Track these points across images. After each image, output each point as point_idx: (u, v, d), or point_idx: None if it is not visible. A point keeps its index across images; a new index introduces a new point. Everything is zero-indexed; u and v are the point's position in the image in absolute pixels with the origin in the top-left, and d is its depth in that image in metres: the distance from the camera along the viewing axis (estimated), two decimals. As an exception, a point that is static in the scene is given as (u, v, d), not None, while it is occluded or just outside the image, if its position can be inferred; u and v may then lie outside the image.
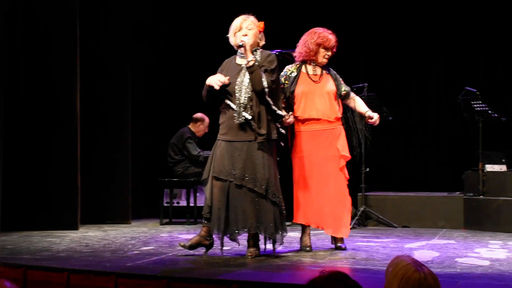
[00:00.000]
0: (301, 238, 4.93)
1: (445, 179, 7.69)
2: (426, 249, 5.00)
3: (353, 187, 5.82)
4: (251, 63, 4.44)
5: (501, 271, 3.95)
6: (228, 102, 4.47)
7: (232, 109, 4.45)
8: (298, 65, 4.96)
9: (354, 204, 6.33)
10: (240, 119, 4.41)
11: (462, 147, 7.83)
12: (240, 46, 4.51)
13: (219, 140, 4.55)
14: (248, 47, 4.48)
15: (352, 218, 5.87)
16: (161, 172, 7.42)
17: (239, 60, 4.59)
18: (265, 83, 4.41)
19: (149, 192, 7.76)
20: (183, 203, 7.47)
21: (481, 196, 6.63)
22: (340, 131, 4.90)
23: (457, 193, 7.05)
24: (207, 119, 7.35)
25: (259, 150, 4.42)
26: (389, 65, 8.17)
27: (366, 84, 6.77)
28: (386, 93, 8.00)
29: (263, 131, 4.41)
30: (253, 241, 4.50)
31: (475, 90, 6.80)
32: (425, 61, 8.08)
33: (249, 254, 4.47)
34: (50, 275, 3.87)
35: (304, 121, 4.86)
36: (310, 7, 8.09)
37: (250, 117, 4.40)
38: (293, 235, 5.73)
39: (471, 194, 6.77)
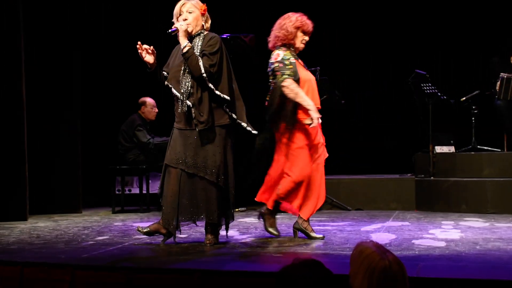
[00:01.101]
0: (267, 223, 4.74)
1: (396, 161, 7.79)
2: (383, 231, 5.04)
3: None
4: (185, 50, 4.30)
5: (458, 251, 4.01)
6: (175, 92, 4.37)
7: (178, 98, 4.36)
8: (286, 51, 4.62)
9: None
10: (184, 108, 4.32)
11: (411, 129, 7.95)
12: (173, 32, 4.36)
13: (174, 128, 4.48)
14: (182, 33, 4.31)
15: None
16: (112, 160, 7.26)
17: None
18: (202, 69, 4.26)
19: (99, 180, 7.58)
20: (135, 190, 7.35)
21: (432, 178, 6.75)
22: None
23: (408, 175, 7.17)
24: (149, 100, 7.21)
25: (208, 137, 4.33)
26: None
27: (318, 67, 6.76)
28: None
29: (203, 118, 4.29)
30: (210, 229, 4.45)
31: (424, 72, 6.90)
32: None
33: (208, 241, 4.41)
34: (2, 269, 3.71)
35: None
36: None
37: (191, 105, 4.30)
38: (249, 221, 5.71)
39: (422, 175, 6.89)
